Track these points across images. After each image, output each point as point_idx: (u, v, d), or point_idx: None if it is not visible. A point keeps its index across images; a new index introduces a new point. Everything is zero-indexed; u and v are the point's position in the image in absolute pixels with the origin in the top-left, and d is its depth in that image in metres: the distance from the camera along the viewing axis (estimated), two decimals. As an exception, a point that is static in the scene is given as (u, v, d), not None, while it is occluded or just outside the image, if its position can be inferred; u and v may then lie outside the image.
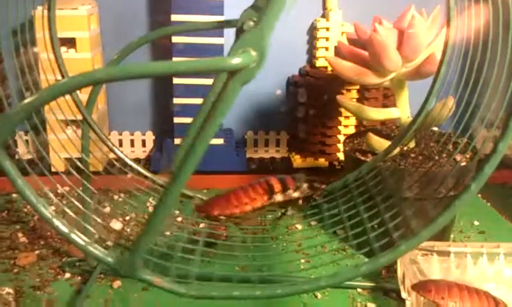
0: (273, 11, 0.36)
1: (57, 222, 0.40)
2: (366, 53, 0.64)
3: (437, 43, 0.63)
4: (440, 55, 0.54)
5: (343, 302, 0.58)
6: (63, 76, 0.57)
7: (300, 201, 0.56)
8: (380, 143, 0.63)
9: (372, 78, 0.64)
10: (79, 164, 0.57)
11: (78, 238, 0.41)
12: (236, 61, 0.34)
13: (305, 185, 0.56)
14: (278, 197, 0.55)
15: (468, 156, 0.63)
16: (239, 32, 0.55)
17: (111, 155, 0.63)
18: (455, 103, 0.59)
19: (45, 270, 0.64)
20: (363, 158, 0.64)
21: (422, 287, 0.50)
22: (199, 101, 0.87)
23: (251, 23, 0.54)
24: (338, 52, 0.72)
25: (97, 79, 0.37)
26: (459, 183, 0.55)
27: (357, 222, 0.49)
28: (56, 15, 0.79)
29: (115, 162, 0.60)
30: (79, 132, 0.61)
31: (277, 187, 0.55)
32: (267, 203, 0.55)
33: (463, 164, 0.58)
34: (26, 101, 0.36)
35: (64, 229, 0.40)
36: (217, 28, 0.56)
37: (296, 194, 0.56)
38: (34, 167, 0.45)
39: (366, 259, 0.44)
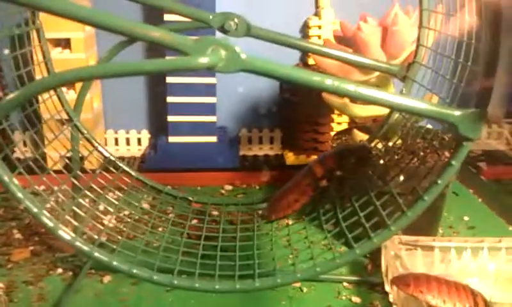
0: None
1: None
2: (351, 50, 0.65)
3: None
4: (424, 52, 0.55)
5: (328, 296, 0.59)
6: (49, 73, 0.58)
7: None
8: (365, 140, 0.64)
9: (357, 76, 0.64)
10: (70, 163, 0.58)
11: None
12: (203, 60, 0.35)
13: (351, 158, 0.52)
14: (324, 183, 0.52)
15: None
16: (220, 31, 0.56)
17: (106, 154, 0.64)
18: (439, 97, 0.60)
19: (38, 265, 0.65)
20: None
21: (401, 281, 0.50)
22: (193, 99, 0.89)
23: (232, 24, 0.55)
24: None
25: (81, 77, 0.39)
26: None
27: (333, 215, 0.49)
28: (50, 16, 0.82)
29: (102, 161, 0.61)
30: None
31: (319, 171, 0.52)
32: (314, 193, 0.52)
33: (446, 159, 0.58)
34: (10, 96, 0.37)
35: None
36: (201, 28, 0.57)
37: (338, 173, 0.52)
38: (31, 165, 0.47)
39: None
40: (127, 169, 0.59)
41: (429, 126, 0.72)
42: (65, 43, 0.87)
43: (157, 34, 0.35)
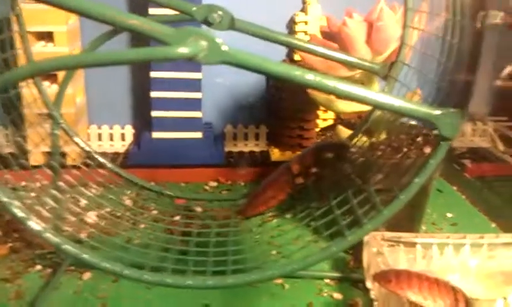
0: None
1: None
2: (336, 46, 0.65)
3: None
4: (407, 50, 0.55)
5: (310, 292, 0.59)
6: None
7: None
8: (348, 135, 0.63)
9: (342, 71, 0.64)
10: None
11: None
12: (183, 50, 0.34)
13: (328, 155, 0.51)
14: (300, 180, 0.51)
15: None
16: (204, 24, 0.56)
17: (82, 145, 0.63)
18: (422, 94, 0.60)
19: (16, 262, 0.64)
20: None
21: (382, 277, 0.50)
22: (177, 94, 0.88)
23: (216, 16, 0.55)
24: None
25: (54, 66, 0.38)
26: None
27: (312, 212, 0.49)
28: (33, 9, 0.80)
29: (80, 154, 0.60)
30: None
31: (295, 168, 0.51)
32: (291, 191, 0.52)
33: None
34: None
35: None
36: (184, 20, 0.56)
37: (315, 170, 0.51)
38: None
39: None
40: (104, 162, 0.58)
41: (413, 122, 0.72)
42: (48, 37, 0.86)
43: (137, 22, 0.34)
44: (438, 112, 0.35)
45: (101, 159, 0.58)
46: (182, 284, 0.42)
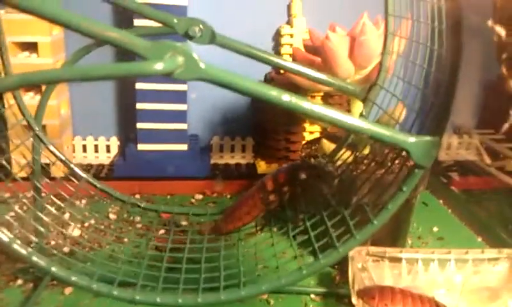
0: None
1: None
2: (319, 59, 0.65)
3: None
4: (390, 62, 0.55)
5: (294, 308, 0.58)
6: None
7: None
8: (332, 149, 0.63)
9: (324, 86, 0.64)
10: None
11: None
12: (159, 66, 0.33)
13: (302, 176, 0.51)
14: (272, 197, 0.51)
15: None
16: (185, 37, 0.55)
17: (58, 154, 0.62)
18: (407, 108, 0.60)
19: (-3, 277, 0.63)
20: (318, 164, 0.64)
21: (366, 293, 0.50)
22: (162, 106, 0.87)
23: (197, 30, 0.54)
24: (293, 59, 0.72)
25: (23, 82, 0.37)
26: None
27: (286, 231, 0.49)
28: (18, 19, 0.80)
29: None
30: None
31: (270, 185, 0.51)
32: (265, 207, 0.52)
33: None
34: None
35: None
36: (165, 33, 0.56)
37: (285, 188, 0.51)
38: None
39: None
40: (79, 172, 0.57)
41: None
42: (32, 47, 0.85)
43: (115, 35, 0.33)
44: (412, 139, 0.35)
45: (76, 170, 0.57)
46: (152, 302, 0.41)
